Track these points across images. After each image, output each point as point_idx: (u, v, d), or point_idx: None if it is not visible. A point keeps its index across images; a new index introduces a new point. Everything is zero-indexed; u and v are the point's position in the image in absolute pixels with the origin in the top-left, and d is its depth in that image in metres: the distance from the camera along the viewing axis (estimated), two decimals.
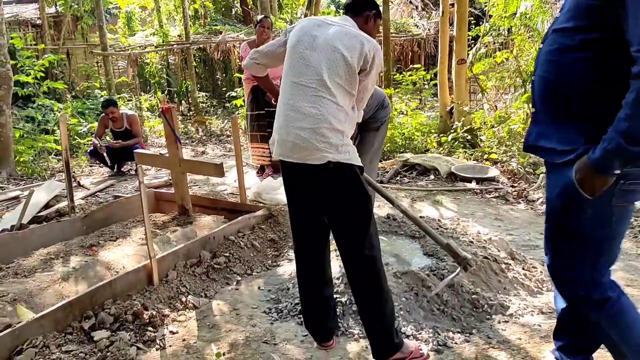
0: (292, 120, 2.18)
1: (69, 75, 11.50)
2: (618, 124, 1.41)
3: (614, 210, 1.61)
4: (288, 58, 2.28)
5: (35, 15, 12.19)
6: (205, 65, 13.70)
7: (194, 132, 9.69)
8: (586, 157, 1.50)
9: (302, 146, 2.14)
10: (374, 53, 2.17)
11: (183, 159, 4.05)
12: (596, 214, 1.60)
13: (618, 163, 1.44)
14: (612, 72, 1.49)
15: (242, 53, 5.93)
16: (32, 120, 7.95)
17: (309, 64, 2.17)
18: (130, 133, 6.61)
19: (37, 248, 3.61)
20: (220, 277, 3.30)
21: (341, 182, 2.17)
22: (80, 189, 5.77)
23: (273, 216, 4.12)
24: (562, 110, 1.64)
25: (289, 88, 2.23)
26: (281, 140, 2.24)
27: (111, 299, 2.76)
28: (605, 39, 1.51)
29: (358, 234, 2.21)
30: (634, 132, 1.39)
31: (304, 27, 2.27)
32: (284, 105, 2.26)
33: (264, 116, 5.79)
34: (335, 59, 2.13)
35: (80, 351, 2.39)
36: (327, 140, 2.12)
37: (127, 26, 13.78)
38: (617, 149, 1.42)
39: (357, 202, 2.20)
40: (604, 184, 1.50)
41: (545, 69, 1.68)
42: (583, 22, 1.56)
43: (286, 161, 2.26)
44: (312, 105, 2.14)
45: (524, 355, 2.38)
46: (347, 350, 2.49)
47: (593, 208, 1.59)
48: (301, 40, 2.22)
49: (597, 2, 1.51)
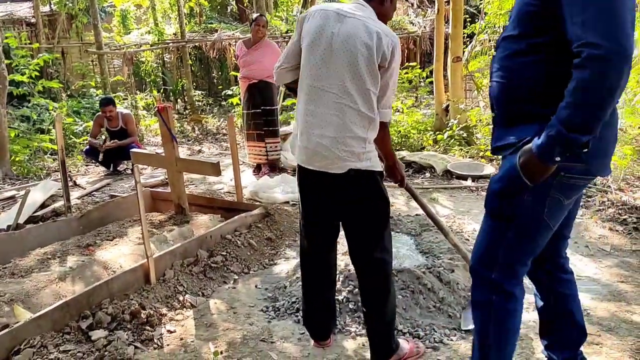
0: (312, 126, 2.12)
1: (64, 74, 11.46)
2: (559, 112, 1.47)
3: (550, 201, 1.66)
4: (305, 58, 2.16)
5: (30, 13, 12.14)
6: (201, 64, 13.69)
7: (190, 130, 9.67)
8: (531, 144, 1.54)
9: (324, 155, 2.09)
10: (392, 48, 2.06)
11: (179, 158, 4.05)
12: (532, 202, 1.65)
13: (558, 150, 1.48)
14: (559, 74, 1.54)
15: (238, 51, 5.92)
16: (28, 120, 7.92)
17: (329, 67, 2.07)
18: (125, 132, 6.60)
19: (33, 248, 3.60)
20: (218, 276, 3.31)
21: (361, 188, 2.15)
22: (77, 188, 5.76)
23: (270, 215, 4.13)
24: (516, 113, 1.70)
25: (308, 91, 2.14)
26: (302, 147, 2.17)
27: (108, 298, 2.77)
28: (549, 42, 1.58)
29: (374, 238, 2.21)
30: (574, 119, 1.44)
31: (319, 23, 2.11)
32: (303, 109, 2.16)
33: (260, 115, 5.80)
34: (356, 61, 2.03)
35: (78, 351, 2.40)
36: (349, 149, 2.07)
37: (122, 24, 13.75)
38: (558, 136, 1.46)
39: (376, 206, 2.18)
40: (545, 172, 1.54)
41: (498, 75, 1.75)
42: (527, 28, 1.64)
43: (306, 168, 2.20)
44: (333, 113, 2.07)
45: (519, 351, 2.40)
46: (344, 348, 2.50)
47: (530, 195, 1.64)
48: (318, 40, 2.09)
49: (534, 8, 1.59)
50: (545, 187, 1.61)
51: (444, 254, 3.30)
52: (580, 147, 1.47)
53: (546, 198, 1.65)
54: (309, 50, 2.12)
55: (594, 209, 4.36)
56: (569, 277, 2.01)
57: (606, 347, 2.41)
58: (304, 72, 2.17)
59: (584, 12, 1.43)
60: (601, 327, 2.59)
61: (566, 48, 1.49)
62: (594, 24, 1.41)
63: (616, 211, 4.23)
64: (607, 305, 2.82)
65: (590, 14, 1.41)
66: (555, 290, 1.99)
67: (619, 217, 4.14)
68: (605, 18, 1.40)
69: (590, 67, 1.40)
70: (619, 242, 3.75)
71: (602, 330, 2.56)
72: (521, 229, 1.71)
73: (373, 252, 2.21)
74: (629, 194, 4.56)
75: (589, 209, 4.38)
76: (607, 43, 1.39)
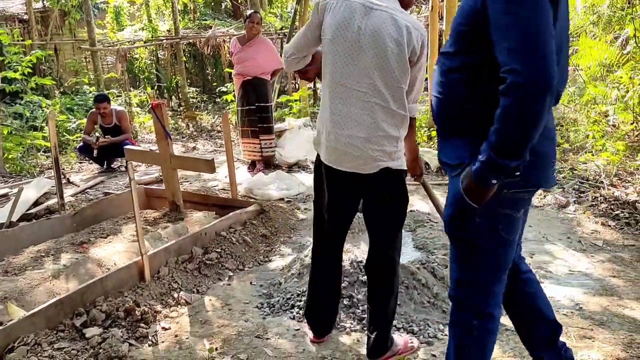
0: (340, 126, 2.07)
1: (57, 71, 11.39)
2: (490, 137, 1.47)
3: (502, 218, 1.66)
4: (330, 53, 2.06)
5: (22, 10, 12.05)
6: (195, 60, 13.64)
7: (184, 127, 9.65)
8: (469, 168, 1.55)
9: (356, 155, 2.06)
10: (422, 41, 2.02)
11: (173, 155, 4.04)
12: (484, 222, 1.65)
13: (492, 175, 1.49)
14: (488, 93, 1.54)
15: (232, 48, 5.91)
16: (20, 117, 7.87)
17: (356, 64, 2.00)
18: (119, 129, 6.57)
19: (27, 246, 3.59)
20: (212, 273, 3.31)
21: (390, 187, 2.15)
22: (70, 186, 5.74)
23: (264, 211, 4.13)
24: (452, 128, 1.72)
25: (335, 89, 2.07)
26: (330, 147, 2.12)
27: (103, 296, 2.76)
28: (481, 62, 1.58)
29: (390, 235, 2.22)
30: (501, 146, 1.45)
31: (344, 16, 2.01)
32: (330, 108, 2.10)
33: (255, 111, 5.79)
34: (386, 58, 1.96)
35: (72, 348, 2.39)
36: (381, 149, 2.05)
37: (116, 21, 13.65)
38: (489, 162, 1.47)
39: (399, 205, 2.19)
40: (487, 193, 1.54)
41: (436, 90, 1.76)
42: (461, 47, 1.65)
43: (334, 168, 2.15)
44: (364, 113, 2.02)
45: (512, 346, 2.42)
46: (338, 344, 2.51)
47: (481, 216, 1.64)
48: (343, 34, 2.01)
49: (466, 28, 1.60)
50: (493, 205, 1.61)
51: (438, 249, 3.32)
52: (511, 172, 1.48)
53: (498, 216, 1.65)
54: (333, 45, 2.03)
55: (586, 204, 4.39)
56: (529, 276, 1.99)
57: (598, 341, 2.43)
58: (328, 67, 2.09)
59: (508, 39, 1.43)
60: (593, 321, 2.61)
61: (492, 69, 1.49)
62: (517, 51, 1.40)
63: (608, 206, 4.25)
64: (599, 300, 2.84)
65: (514, 40, 1.41)
66: (518, 289, 1.97)
67: (611, 212, 4.17)
68: (529, 46, 1.40)
69: (513, 95, 1.40)
70: (611, 237, 3.78)
71: (594, 325, 2.58)
72: (483, 250, 1.70)
73: (387, 251, 2.22)
74: (621, 189, 4.59)
75: (581, 204, 4.41)
76: (529, 71, 1.38)
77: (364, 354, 2.37)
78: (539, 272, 3.17)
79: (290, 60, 2.25)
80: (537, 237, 3.79)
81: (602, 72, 6.59)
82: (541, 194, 4.66)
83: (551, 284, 3.05)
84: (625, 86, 5.91)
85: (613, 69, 6.34)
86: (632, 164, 5.06)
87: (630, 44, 5.85)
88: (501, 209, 1.65)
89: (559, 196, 4.57)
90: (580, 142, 5.81)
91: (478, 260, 1.72)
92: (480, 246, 1.70)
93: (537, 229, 3.93)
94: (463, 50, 1.64)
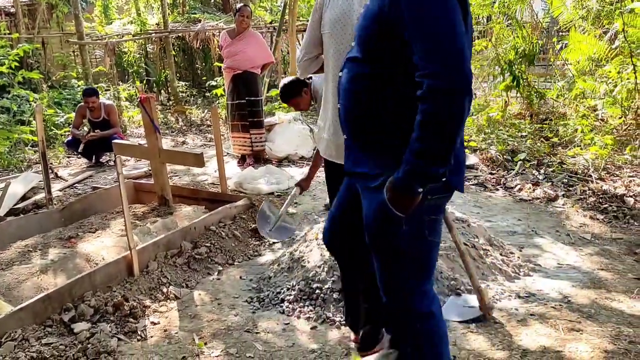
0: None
1: (45, 65, 11.25)
2: (412, 145, 1.45)
3: (427, 224, 1.66)
4: (329, 46, 2.03)
5: (9, 3, 11.88)
6: (185, 54, 13.53)
7: (173, 122, 9.59)
8: (392, 178, 1.53)
9: None
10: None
11: (162, 149, 4.02)
12: (410, 229, 1.64)
13: (418, 184, 1.48)
14: (402, 98, 1.52)
15: (222, 42, 5.87)
16: (8, 111, 7.77)
17: None
18: (108, 123, 6.52)
19: (14, 240, 3.55)
20: (202, 267, 3.30)
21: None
22: (58, 180, 5.68)
23: (254, 206, 4.12)
24: (365, 137, 1.69)
25: (337, 83, 2.02)
26: (331, 141, 2.10)
27: (91, 290, 2.74)
28: (391, 65, 1.55)
29: None
30: (429, 154, 1.43)
31: (343, 8, 1.99)
32: (332, 103, 2.06)
33: (245, 105, 5.76)
34: None
35: (61, 343, 2.37)
36: None
37: (104, 14, 13.52)
38: (413, 170, 1.46)
39: None
40: (413, 202, 1.53)
41: (345, 98, 1.72)
42: (370, 51, 1.60)
43: (337, 163, 2.12)
44: None
45: (501, 338, 2.43)
46: (328, 338, 2.51)
47: (407, 224, 1.63)
48: (343, 27, 1.98)
49: (374, 30, 1.54)
50: (418, 214, 1.60)
51: None
52: (439, 177, 1.47)
53: (423, 223, 1.65)
54: (333, 38, 2.01)
55: (575, 198, 4.42)
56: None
57: (586, 334, 2.45)
58: (329, 61, 2.06)
59: (425, 41, 1.40)
60: (581, 314, 2.63)
61: (405, 74, 1.47)
62: (435, 51, 1.38)
63: (597, 200, 4.29)
64: (588, 293, 2.86)
65: (431, 42, 1.38)
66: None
67: (599, 205, 4.20)
68: (447, 48, 1.37)
69: (433, 99, 1.38)
70: (599, 230, 3.81)
71: (582, 317, 2.60)
72: (411, 256, 1.70)
73: None
74: (609, 183, 4.63)
75: (570, 198, 4.44)
76: (449, 73, 1.36)
77: (353, 348, 2.38)
78: (528, 265, 3.19)
79: (303, 63, 2.23)
80: (525, 230, 3.81)
81: (591, 67, 6.64)
82: (530, 188, 4.69)
83: (540, 277, 3.07)
84: (614, 80, 5.95)
85: (602, 64, 6.38)
86: (620, 158, 5.10)
87: (618, 39, 5.89)
88: (427, 215, 1.64)
89: (547, 190, 4.60)
90: (569, 136, 5.85)
91: (406, 266, 1.72)
92: (408, 253, 1.69)
93: (525, 223, 3.95)
94: (373, 54, 1.59)
